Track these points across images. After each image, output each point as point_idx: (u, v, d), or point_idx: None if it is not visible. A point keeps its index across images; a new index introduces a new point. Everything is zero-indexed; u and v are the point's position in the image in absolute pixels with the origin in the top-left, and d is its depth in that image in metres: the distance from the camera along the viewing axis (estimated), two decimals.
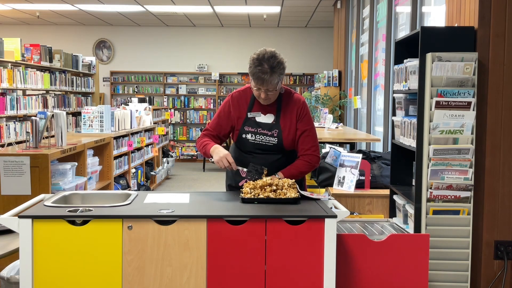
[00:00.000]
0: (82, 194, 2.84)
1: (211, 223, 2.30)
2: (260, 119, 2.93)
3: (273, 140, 2.91)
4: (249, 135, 2.93)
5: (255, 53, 2.81)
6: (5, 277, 2.64)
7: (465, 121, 2.98)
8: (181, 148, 12.75)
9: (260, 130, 2.92)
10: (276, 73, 2.74)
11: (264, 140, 2.92)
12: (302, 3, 9.73)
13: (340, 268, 2.39)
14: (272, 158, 2.93)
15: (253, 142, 2.93)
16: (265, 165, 2.84)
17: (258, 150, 2.94)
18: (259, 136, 2.92)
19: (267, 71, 2.73)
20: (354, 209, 3.91)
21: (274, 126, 2.91)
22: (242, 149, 2.99)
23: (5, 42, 7.10)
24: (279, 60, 2.77)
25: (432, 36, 3.08)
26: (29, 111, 7.49)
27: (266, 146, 2.92)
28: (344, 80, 8.98)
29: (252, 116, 2.93)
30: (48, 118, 4.45)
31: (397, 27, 5.94)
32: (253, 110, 2.94)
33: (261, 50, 2.80)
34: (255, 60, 2.77)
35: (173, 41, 12.68)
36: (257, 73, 2.74)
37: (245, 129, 2.94)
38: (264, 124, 2.92)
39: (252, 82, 2.83)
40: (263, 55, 2.76)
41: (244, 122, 2.94)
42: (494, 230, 3.18)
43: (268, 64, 2.73)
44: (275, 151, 2.94)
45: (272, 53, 2.78)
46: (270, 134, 2.91)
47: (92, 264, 2.26)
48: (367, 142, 6.96)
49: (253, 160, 2.90)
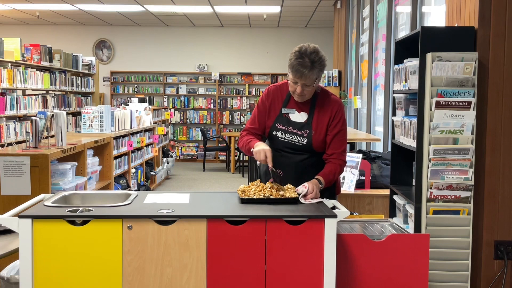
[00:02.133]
0: (82, 194, 2.83)
1: (211, 223, 2.29)
2: (293, 116, 2.88)
3: (302, 140, 2.85)
4: (279, 133, 2.89)
5: (297, 46, 2.76)
6: (5, 277, 2.64)
7: (465, 121, 2.98)
8: (181, 148, 12.75)
9: (290, 129, 2.87)
10: (316, 68, 2.70)
11: (294, 139, 2.87)
12: (302, 3, 9.73)
13: (340, 268, 2.39)
14: (299, 157, 2.89)
15: (283, 140, 2.88)
16: (292, 164, 2.82)
17: (287, 149, 2.89)
18: (289, 134, 2.87)
19: (307, 65, 2.68)
20: (354, 209, 3.91)
21: (305, 126, 2.85)
22: (271, 146, 2.89)
23: (5, 42, 7.10)
24: (320, 56, 2.73)
25: (432, 36, 3.08)
26: (29, 111, 7.49)
27: (295, 146, 2.87)
28: (344, 80, 8.98)
29: (285, 112, 2.88)
30: (48, 118, 4.45)
31: (397, 27, 5.94)
32: (288, 106, 2.89)
33: (304, 44, 2.75)
34: (297, 53, 2.71)
35: (173, 41, 12.68)
36: (296, 65, 2.69)
37: (276, 126, 2.89)
38: (295, 123, 2.87)
39: (290, 75, 2.76)
40: (305, 49, 2.71)
41: (277, 119, 2.89)
42: (494, 230, 3.18)
43: (309, 58, 2.69)
44: (304, 151, 2.88)
45: (315, 48, 2.74)
46: (300, 134, 2.86)
47: (92, 264, 2.26)
48: (367, 142, 6.96)
49: (280, 159, 2.86)
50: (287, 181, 2.75)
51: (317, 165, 2.87)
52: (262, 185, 2.63)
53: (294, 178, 2.78)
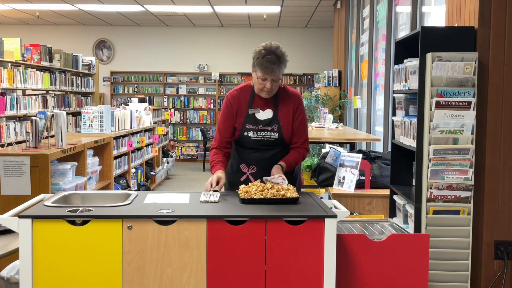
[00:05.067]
0: (82, 194, 2.83)
1: (211, 223, 2.29)
2: (259, 115, 3.01)
3: (274, 135, 3.00)
4: (251, 133, 3.01)
5: (259, 46, 2.92)
6: (5, 277, 2.64)
7: (465, 121, 2.98)
8: (181, 148, 12.75)
9: (260, 127, 3.00)
10: (283, 63, 2.89)
11: (266, 136, 3.00)
12: (302, 3, 9.73)
13: (340, 268, 2.39)
14: (272, 152, 3.03)
15: (255, 139, 3.01)
16: (266, 159, 2.98)
17: (261, 146, 3.03)
18: (260, 132, 3.00)
19: (275, 60, 2.85)
20: (354, 209, 3.91)
21: (273, 121, 3.00)
22: (244, 146, 3.06)
23: (5, 42, 7.10)
24: (284, 51, 2.92)
25: (432, 36, 3.08)
26: (29, 111, 7.48)
27: (268, 142, 3.01)
28: (344, 80, 8.98)
29: (252, 113, 3.01)
30: (48, 118, 4.44)
31: (397, 27, 5.94)
32: (253, 106, 3.02)
33: (266, 43, 2.92)
34: (262, 51, 2.88)
35: (173, 41, 12.68)
36: (265, 62, 2.84)
37: (246, 127, 3.01)
38: (263, 120, 3.01)
39: (258, 73, 2.90)
40: (269, 46, 2.89)
41: (245, 120, 3.02)
42: (494, 230, 3.18)
43: (275, 54, 2.86)
44: (276, 146, 3.03)
45: (277, 45, 2.92)
46: (270, 129, 3.00)
47: (92, 264, 2.26)
48: (367, 142, 6.96)
49: (253, 155, 3.02)
50: (262, 175, 2.88)
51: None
52: (263, 185, 2.64)
53: (268, 171, 2.93)
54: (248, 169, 3.05)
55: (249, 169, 3.04)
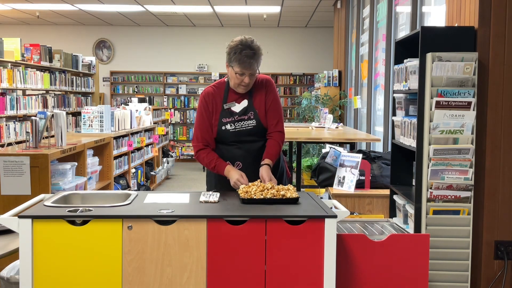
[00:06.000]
0: (82, 194, 2.83)
1: (211, 223, 2.29)
2: (235, 108, 2.99)
3: (251, 123, 2.98)
4: (228, 125, 2.98)
5: (232, 41, 2.92)
6: (5, 277, 2.64)
7: (465, 121, 2.98)
8: (181, 148, 12.75)
9: (237, 117, 2.98)
10: (259, 57, 2.88)
11: (244, 125, 2.98)
12: (302, 3, 9.73)
13: (340, 268, 2.39)
14: (255, 146, 3.00)
15: (234, 131, 2.97)
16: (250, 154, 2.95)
17: (242, 138, 2.98)
18: (238, 123, 2.97)
19: (251, 54, 2.83)
20: (354, 209, 3.91)
21: (249, 109, 2.98)
22: (225, 141, 3.01)
23: (5, 42, 7.10)
24: (258, 45, 2.92)
25: (432, 36, 3.08)
26: (29, 111, 7.48)
27: (247, 131, 2.98)
28: (344, 80, 8.98)
29: (228, 107, 2.99)
30: (48, 118, 4.44)
31: (397, 27, 5.94)
32: (228, 101, 3.00)
33: (240, 37, 2.92)
34: (238, 45, 2.86)
35: (173, 41, 12.68)
36: (243, 57, 2.82)
37: (223, 120, 2.98)
38: (239, 111, 2.98)
39: (235, 69, 2.86)
40: (245, 41, 2.88)
41: (221, 115, 2.99)
42: (494, 230, 3.18)
43: (250, 48, 2.85)
44: (257, 135, 2.99)
45: (252, 38, 2.92)
46: (247, 118, 2.98)
47: (92, 264, 2.26)
48: (367, 142, 6.96)
49: (237, 151, 2.98)
50: (248, 170, 2.89)
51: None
52: (263, 185, 2.64)
53: (254, 166, 2.92)
54: (234, 166, 2.97)
55: (234, 166, 2.97)
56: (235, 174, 2.85)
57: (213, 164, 2.96)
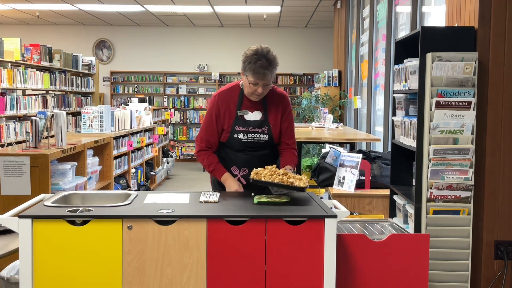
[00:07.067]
0: (82, 194, 2.83)
1: (211, 223, 2.29)
2: (248, 116, 2.98)
3: (264, 137, 2.99)
4: (241, 135, 2.98)
5: (249, 49, 2.87)
6: (5, 277, 2.64)
7: (465, 121, 2.98)
8: (181, 148, 12.74)
9: (251, 129, 2.97)
10: (274, 68, 2.86)
11: (256, 138, 2.98)
12: (302, 3, 9.73)
13: (340, 268, 2.39)
14: (261, 153, 3.02)
15: (246, 141, 2.98)
16: (256, 160, 2.94)
17: (249, 148, 3.00)
18: (251, 135, 2.98)
19: (266, 65, 2.80)
20: (354, 209, 3.91)
21: (263, 123, 2.98)
22: (232, 148, 3.02)
23: (5, 42, 7.10)
24: (274, 55, 2.89)
25: (432, 36, 3.08)
26: (29, 111, 7.48)
27: (258, 144, 3.00)
28: (344, 80, 8.98)
29: (241, 114, 2.98)
30: (48, 118, 4.45)
31: (397, 27, 5.94)
32: (242, 108, 2.99)
33: (257, 46, 2.87)
34: (254, 55, 2.82)
35: (173, 41, 12.68)
36: (257, 68, 2.80)
37: (236, 129, 2.98)
38: (253, 122, 2.98)
39: (249, 78, 2.85)
40: (261, 51, 2.84)
41: (234, 122, 2.97)
42: (494, 230, 3.18)
43: (266, 58, 2.82)
44: (265, 147, 3.02)
45: (267, 48, 2.88)
46: (261, 131, 2.98)
47: (92, 264, 2.26)
48: (367, 142, 6.96)
49: (244, 157, 2.99)
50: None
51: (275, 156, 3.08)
52: (275, 170, 2.65)
53: None
54: (240, 171, 3.01)
55: (240, 171, 3.01)
56: (234, 185, 2.89)
57: (212, 168, 2.99)
